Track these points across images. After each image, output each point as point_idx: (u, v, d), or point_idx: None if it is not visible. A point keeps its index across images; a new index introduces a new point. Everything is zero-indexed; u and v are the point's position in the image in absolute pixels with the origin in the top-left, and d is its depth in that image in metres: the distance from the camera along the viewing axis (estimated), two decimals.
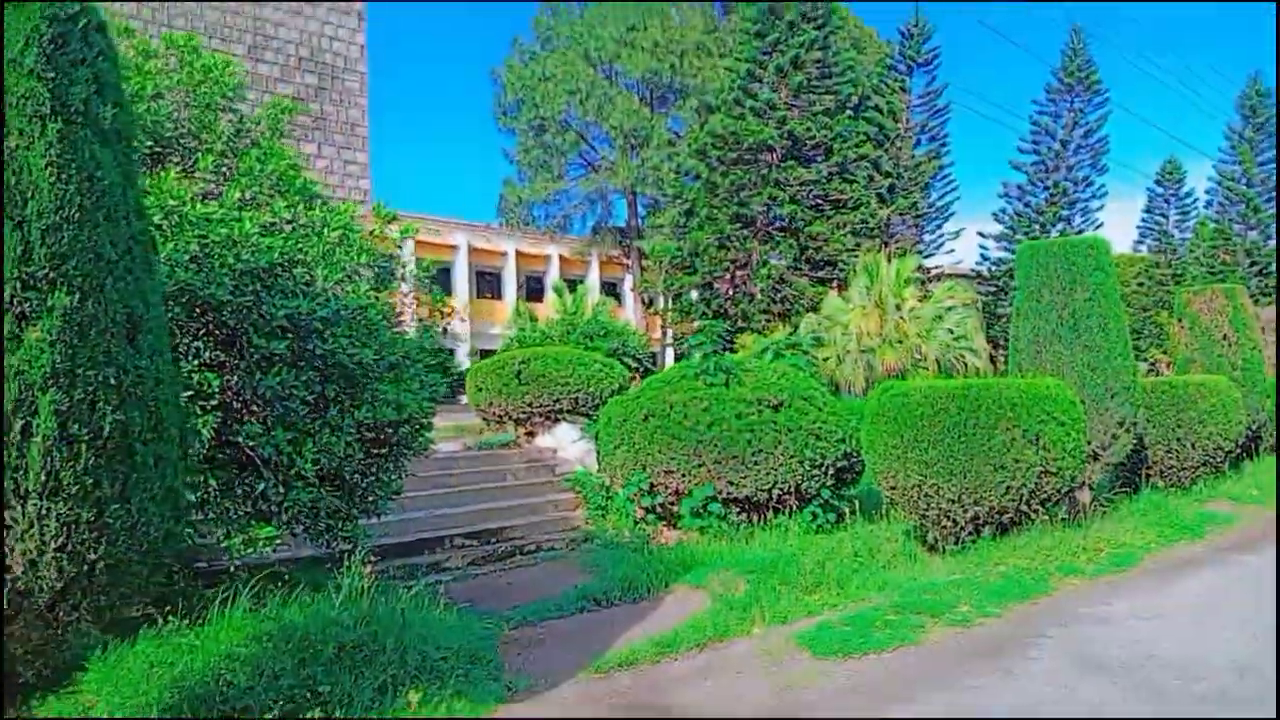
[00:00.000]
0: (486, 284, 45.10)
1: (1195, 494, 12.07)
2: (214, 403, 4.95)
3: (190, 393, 4.82)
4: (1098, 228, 35.99)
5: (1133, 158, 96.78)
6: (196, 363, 4.96)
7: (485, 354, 24.24)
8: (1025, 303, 10.68)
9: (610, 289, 44.95)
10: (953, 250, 33.79)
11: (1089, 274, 10.29)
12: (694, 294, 25.83)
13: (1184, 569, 8.15)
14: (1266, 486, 12.51)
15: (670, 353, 32.06)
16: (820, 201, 24.73)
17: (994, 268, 35.69)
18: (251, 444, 5.05)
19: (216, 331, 5.11)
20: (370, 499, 6.16)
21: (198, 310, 4.95)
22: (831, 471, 10.17)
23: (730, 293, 24.34)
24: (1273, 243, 42.08)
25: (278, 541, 5.48)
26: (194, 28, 13.87)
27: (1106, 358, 10.17)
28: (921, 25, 30.58)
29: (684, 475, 9.98)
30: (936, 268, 32.32)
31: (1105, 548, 8.47)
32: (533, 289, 43.54)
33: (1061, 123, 35.71)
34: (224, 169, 6.34)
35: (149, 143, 6.01)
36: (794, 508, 10.14)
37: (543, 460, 12.30)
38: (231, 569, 5.65)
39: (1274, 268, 41.47)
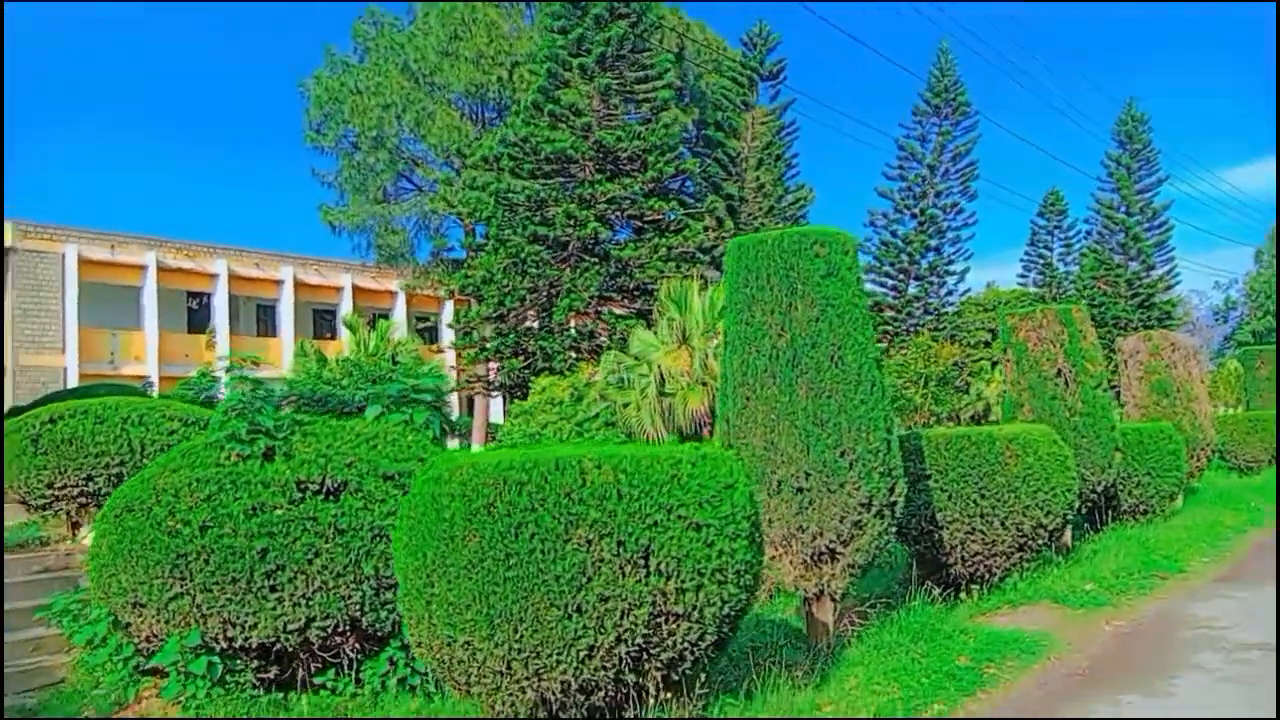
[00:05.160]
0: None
1: (1007, 592, 8.70)
2: None
3: None
4: (969, 258, 33.61)
5: (1024, 187, 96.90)
6: None
7: None
8: (734, 326, 7.23)
9: None
10: None
11: (816, 283, 6.89)
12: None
13: None
14: (1106, 578, 9.20)
15: (500, 400, 28.10)
16: (638, 222, 21.32)
17: None
18: None
19: None
20: None
21: None
22: None
23: (532, 327, 20.68)
24: (1155, 273, 40.48)
25: None
26: None
27: (841, 407, 6.74)
28: (765, 34, 27.68)
29: (159, 610, 6.13)
30: None
31: None
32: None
33: (929, 146, 33.33)
34: None
35: None
36: (358, 654, 6.39)
37: (68, 569, 8.29)
38: None
39: (1156, 299, 39.78)
